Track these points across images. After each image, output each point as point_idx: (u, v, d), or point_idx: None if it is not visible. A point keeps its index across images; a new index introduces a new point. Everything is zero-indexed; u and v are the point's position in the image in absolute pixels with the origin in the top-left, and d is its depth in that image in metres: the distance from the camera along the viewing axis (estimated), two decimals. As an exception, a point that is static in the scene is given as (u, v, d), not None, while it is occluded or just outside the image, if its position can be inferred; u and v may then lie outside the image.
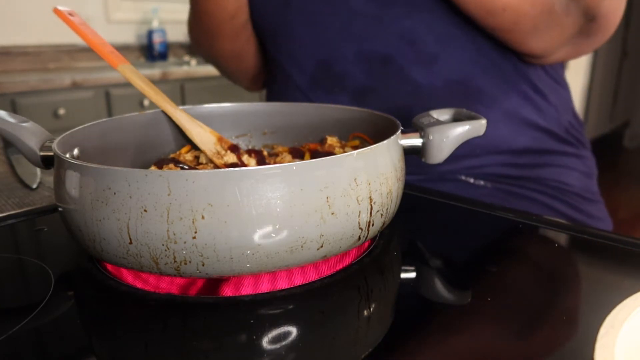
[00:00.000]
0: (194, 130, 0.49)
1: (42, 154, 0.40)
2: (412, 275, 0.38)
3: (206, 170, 0.30)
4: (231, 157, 0.47)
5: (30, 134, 0.40)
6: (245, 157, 0.48)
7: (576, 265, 0.40)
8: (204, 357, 0.28)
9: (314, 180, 0.32)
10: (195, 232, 0.30)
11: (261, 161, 0.48)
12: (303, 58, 0.64)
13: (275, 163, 0.49)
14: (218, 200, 0.30)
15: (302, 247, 0.32)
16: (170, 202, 0.30)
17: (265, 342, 0.29)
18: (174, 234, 0.30)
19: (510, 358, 0.29)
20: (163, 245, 0.31)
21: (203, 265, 0.31)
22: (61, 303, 0.34)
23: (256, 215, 0.30)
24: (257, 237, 0.31)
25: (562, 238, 0.43)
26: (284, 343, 0.29)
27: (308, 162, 0.32)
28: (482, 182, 0.61)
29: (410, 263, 0.40)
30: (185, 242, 0.30)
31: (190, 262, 0.31)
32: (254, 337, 0.29)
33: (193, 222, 0.30)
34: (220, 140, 0.49)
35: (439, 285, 0.36)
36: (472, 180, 0.61)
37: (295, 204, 0.31)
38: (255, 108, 0.54)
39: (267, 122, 0.54)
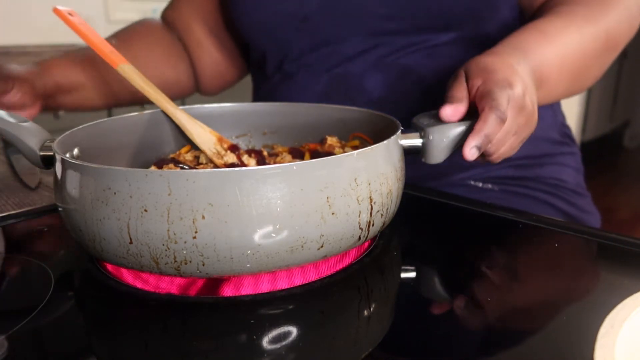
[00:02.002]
0: (194, 130, 0.49)
1: (42, 153, 0.40)
2: (412, 275, 0.38)
3: (206, 170, 0.30)
4: (231, 157, 0.47)
5: (30, 133, 0.40)
6: (245, 157, 0.48)
7: (576, 265, 0.40)
8: (204, 357, 0.28)
9: (314, 181, 0.32)
10: (196, 232, 0.30)
11: (261, 161, 0.48)
12: (316, 73, 0.63)
13: (275, 163, 0.49)
14: (218, 200, 0.30)
15: (302, 247, 0.32)
16: (171, 202, 0.30)
17: (265, 342, 0.29)
18: (175, 234, 0.30)
19: (510, 358, 0.29)
20: (163, 245, 0.31)
21: (203, 265, 0.31)
22: (61, 303, 0.34)
23: (256, 215, 0.30)
24: (257, 237, 0.31)
25: (561, 238, 0.43)
26: (284, 343, 0.29)
27: (308, 162, 0.32)
28: (489, 186, 0.63)
29: (410, 263, 0.40)
30: (185, 242, 0.30)
31: (190, 262, 0.31)
32: (254, 337, 0.29)
33: (193, 222, 0.30)
34: (220, 140, 0.49)
35: (438, 285, 0.36)
36: (480, 185, 0.63)
37: (296, 204, 0.31)
38: (255, 108, 0.54)
39: (267, 122, 0.54)
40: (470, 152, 0.39)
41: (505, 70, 0.41)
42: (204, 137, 0.49)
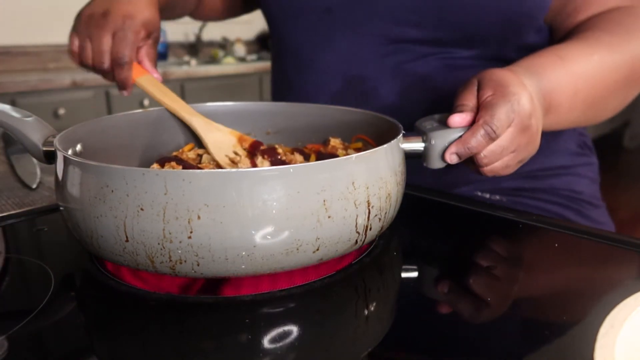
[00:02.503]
0: (209, 138, 0.48)
1: (45, 149, 0.40)
2: (412, 275, 0.38)
3: (203, 171, 0.30)
4: (245, 164, 0.46)
5: (33, 128, 0.40)
6: (259, 160, 0.47)
7: (576, 266, 0.40)
8: (204, 357, 0.28)
9: (311, 183, 0.31)
10: (191, 232, 0.30)
11: (276, 162, 0.47)
12: (333, 72, 0.62)
13: (287, 162, 0.48)
14: (214, 201, 0.30)
15: (297, 249, 0.32)
16: (167, 202, 0.30)
17: (265, 342, 0.29)
18: (170, 233, 0.30)
19: (510, 357, 0.28)
20: (159, 244, 0.31)
21: (198, 265, 0.31)
22: (62, 303, 0.34)
23: (252, 216, 0.30)
24: (252, 238, 0.31)
25: (562, 238, 0.43)
26: (283, 343, 0.29)
27: (305, 165, 0.32)
28: (497, 197, 0.61)
29: (409, 263, 0.40)
30: (180, 242, 0.30)
31: (185, 261, 0.31)
32: (254, 337, 0.29)
33: (189, 221, 0.30)
34: (240, 140, 0.49)
35: (438, 285, 0.36)
36: (488, 196, 0.62)
37: (292, 206, 0.31)
38: (258, 107, 0.54)
39: (271, 121, 0.54)
40: (450, 157, 0.40)
41: (517, 86, 0.41)
42: (220, 143, 0.48)
